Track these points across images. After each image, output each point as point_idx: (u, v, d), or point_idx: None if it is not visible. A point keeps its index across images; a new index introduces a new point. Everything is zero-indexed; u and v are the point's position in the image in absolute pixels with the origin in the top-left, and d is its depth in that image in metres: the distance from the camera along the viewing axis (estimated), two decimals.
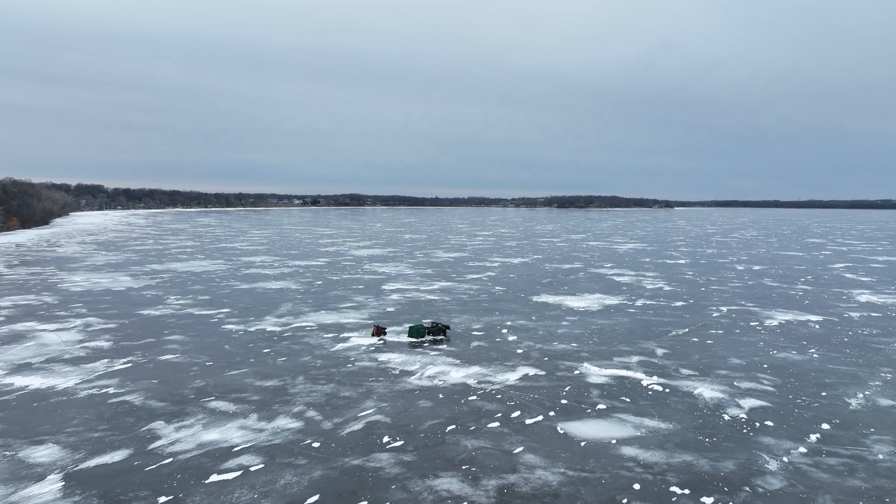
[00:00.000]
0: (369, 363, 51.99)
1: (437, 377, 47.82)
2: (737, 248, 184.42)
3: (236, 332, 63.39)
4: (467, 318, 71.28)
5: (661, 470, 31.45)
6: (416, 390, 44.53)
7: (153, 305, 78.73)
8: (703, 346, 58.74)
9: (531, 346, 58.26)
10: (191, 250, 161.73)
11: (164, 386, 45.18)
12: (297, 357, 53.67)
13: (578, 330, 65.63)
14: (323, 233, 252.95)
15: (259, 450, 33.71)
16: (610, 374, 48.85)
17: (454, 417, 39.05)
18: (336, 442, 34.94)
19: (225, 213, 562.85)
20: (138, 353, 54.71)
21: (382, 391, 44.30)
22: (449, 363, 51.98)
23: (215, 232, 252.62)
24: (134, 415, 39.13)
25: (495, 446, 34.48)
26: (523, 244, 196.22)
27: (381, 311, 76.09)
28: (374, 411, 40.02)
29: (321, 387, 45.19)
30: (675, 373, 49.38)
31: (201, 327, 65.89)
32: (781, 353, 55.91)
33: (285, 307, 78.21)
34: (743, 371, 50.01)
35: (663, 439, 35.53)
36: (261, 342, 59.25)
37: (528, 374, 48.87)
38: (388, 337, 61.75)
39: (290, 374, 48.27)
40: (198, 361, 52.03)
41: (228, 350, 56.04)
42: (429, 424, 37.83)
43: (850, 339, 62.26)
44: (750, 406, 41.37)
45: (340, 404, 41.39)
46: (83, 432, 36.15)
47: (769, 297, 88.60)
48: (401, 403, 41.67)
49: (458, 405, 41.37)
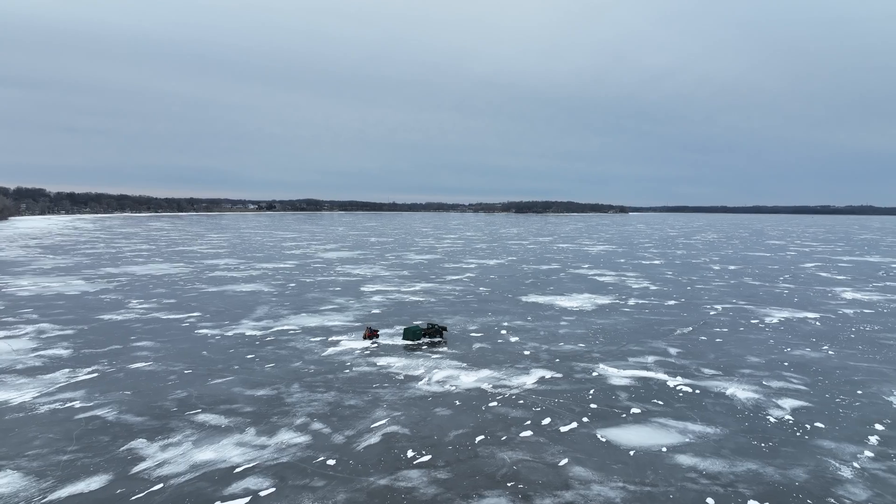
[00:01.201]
0: (368, 368, 47.32)
1: (448, 382, 43.56)
2: (704, 250, 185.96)
3: (212, 337, 57.63)
4: (460, 320, 67.21)
5: (729, 480, 28.02)
6: (429, 397, 40.17)
7: (114, 310, 71.83)
8: (714, 344, 56.21)
9: (537, 347, 54.59)
10: (147, 253, 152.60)
11: (139, 398, 39.51)
12: (286, 363, 48.53)
13: (580, 330, 62.36)
14: (284, 236, 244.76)
15: (266, 471, 28.80)
16: (630, 376, 45.55)
17: (480, 426, 34.88)
18: (354, 458, 30.30)
19: (178, 217, 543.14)
20: (103, 361, 48.58)
21: (391, 399, 39.76)
22: (455, 367, 47.77)
23: (170, 235, 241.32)
24: (108, 432, 33.55)
25: (536, 458, 30.47)
26: (493, 246, 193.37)
27: (365, 313, 71.26)
28: (388, 421, 35.49)
29: (321, 395, 40.34)
30: (698, 373, 46.44)
31: (172, 332, 59.80)
32: (797, 351, 53.79)
33: (261, 310, 72.49)
34: (766, 370, 47.48)
35: (716, 445, 32.21)
36: (242, 347, 53.77)
37: (545, 376, 45.11)
38: (382, 340, 57.14)
39: (283, 382, 43.20)
40: (174, 369, 46.34)
41: (207, 356, 50.42)
42: (454, 435, 33.56)
43: (856, 335, 60.85)
44: (791, 406, 38.58)
45: (348, 414, 36.68)
46: (49, 455, 30.47)
47: (757, 296, 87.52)
48: (416, 412, 37.25)
49: (479, 412, 37.22)
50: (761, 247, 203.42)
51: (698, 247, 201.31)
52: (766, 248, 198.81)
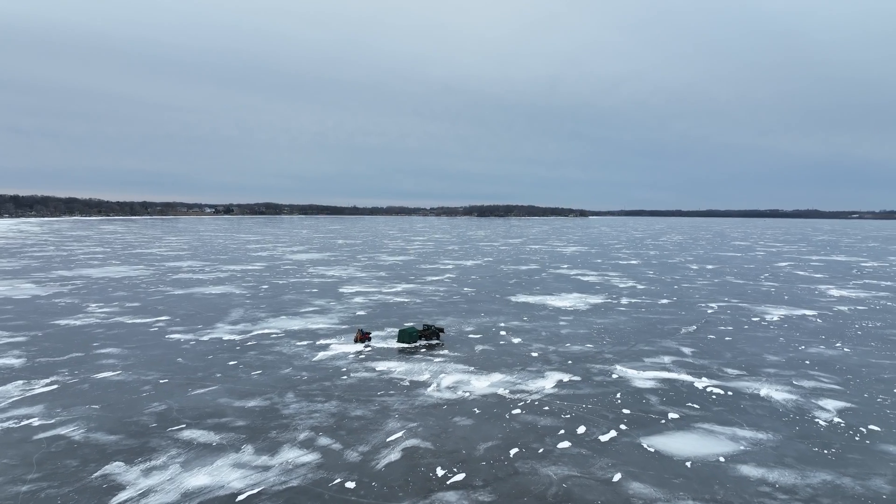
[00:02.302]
0: (367, 374, 42.83)
1: (459, 388, 39.47)
2: (675, 251, 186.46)
3: (186, 343, 52.12)
4: (454, 321, 63.18)
5: (809, 495, 24.78)
6: (443, 405, 36.01)
7: (71, 314, 65.22)
8: (725, 343, 53.65)
9: (543, 348, 50.99)
10: (102, 256, 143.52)
11: (110, 412, 34.18)
12: (274, 369, 43.63)
13: (583, 330, 59.10)
14: (247, 239, 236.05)
15: (275, 498, 24.22)
16: (653, 377, 42.32)
17: (510, 437, 30.93)
18: (376, 479, 25.96)
19: (131, 221, 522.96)
20: (63, 371, 42.78)
21: (401, 407, 35.45)
22: (462, 371, 43.72)
23: (125, 238, 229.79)
24: (76, 455, 28.31)
25: (585, 473, 26.69)
26: (465, 248, 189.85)
27: (350, 314, 66.52)
28: (404, 434, 31.21)
29: (321, 405, 35.75)
30: (722, 373, 43.56)
31: (140, 337, 53.99)
32: (812, 349, 51.64)
33: (236, 313, 66.94)
34: (790, 368, 44.96)
35: (776, 453, 29.03)
36: (222, 353, 48.52)
37: (562, 380, 41.47)
38: (374, 342, 52.66)
39: (275, 391, 38.40)
40: (147, 379, 40.94)
41: (184, 364, 45.06)
42: (484, 448, 29.51)
43: (863, 332, 59.33)
44: (835, 408, 35.88)
45: (356, 427, 32.24)
46: (5, 485, 25.19)
47: (746, 294, 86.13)
48: (433, 422, 33.06)
49: (503, 421, 33.28)
50: (729, 247, 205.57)
51: (668, 248, 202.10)
52: (733, 248, 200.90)
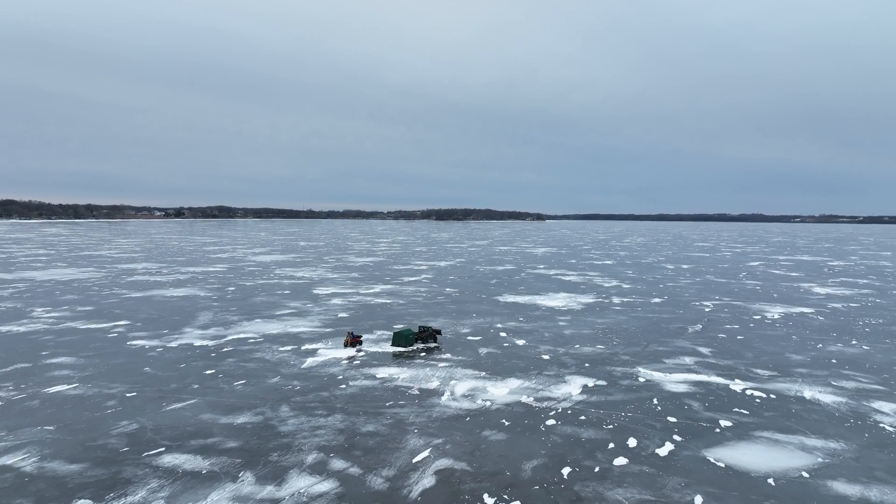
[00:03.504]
0: (368, 382, 37.86)
1: (476, 396, 34.96)
2: (644, 251, 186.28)
3: (153, 350, 45.99)
4: (447, 322, 58.61)
5: None
6: (465, 416, 31.42)
7: (14, 320, 57.88)
8: (738, 341, 50.72)
9: (552, 350, 46.94)
10: (46, 258, 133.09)
11: (69, 434, 28.32)
12: (259, 378, 38.20)
13: (586, 330, 55.39)
14: (203, 241, 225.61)
15: None
16: (682, 380, 38.71)
17: (554, 453, 26.59)
18: None
19: (76, 224, 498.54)
20: (7, 385, 36.38)
21: (418, 420, 30.69)
22: (473, 376, 39.21)
23: (71, 241, 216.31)
24: (29, 492, 22.60)
25: (660, 497, 22.55)
26: (433, 249, 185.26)
27: (331, 317, 61.16)
28: (432, 453, 26.50)
29: (324, 420, 30.67)
30: (752, 374, 40.32)
31: (98, 344, 47.51)
32: (830, 347, 49.16)
33: (204, 316, 60.72)
34: (820, 368, 42.13)
35: (861, 465, 25.57)
36: (195, 361, 42.69)
37: (587, 384, 37.42)
38: (367, 346, 47.64)
39: (266, 404, 33.10)
40: (111, 392, 34.99)
41: (152, 374, 39.14)
42: (530, 468, 25.08)
43: (871, 329, 57.55)
44: (892, 410, 32.89)
45: (372, 446, 27.35)
46: None
47: (734, 292, 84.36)
48: (460, 438, 28.43)
49: (540, 434, 28.93)
50: (694, 248, 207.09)
51: (635, 249, 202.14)
52: (699, 249, 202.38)
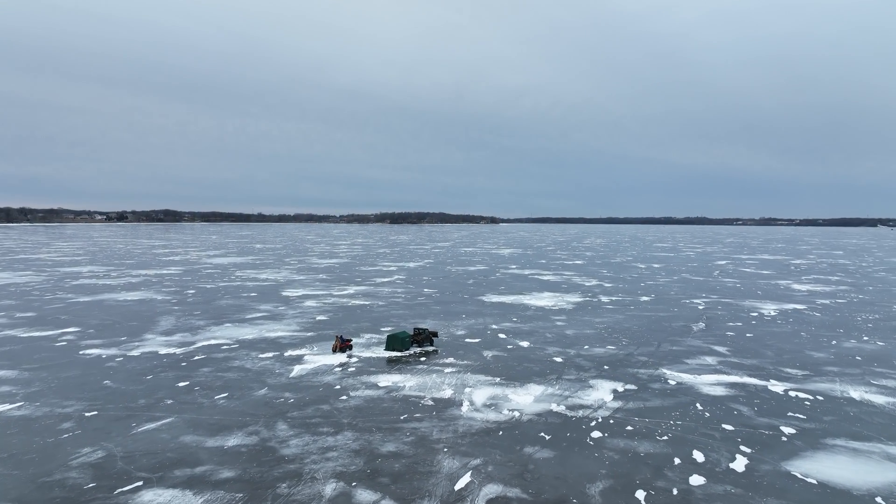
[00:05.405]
0: (370, 391, 33.19)
1: (499, 405, 30.79)
2: (609, 252, 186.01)
3: (111, 359, 39.98)
4: (436, 323, 54.27)
5: None
6: (496, 430, 27.19)
7: None
8: (750, 339, 48.21)
9: (562, 352, 43.24)
10: None
11: (16, 468, 22.70)
12: (244, 390, 33.00)
13: (588, 330, 52.00)
14: (151, 244, 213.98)
15: None
16: (715, 382, 35.56)
17: (617, 473, 22.66)
18: None
19: (8, 227, 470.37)
20: None
21: (442, 436, 26.30)
22: (487, 382, 35.06)
23: (3, 244, 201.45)
24: None
25: None
26: (397, 251, 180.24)
27: (309, 320, 55.95)
28: (473, 477, 22.17)
29: (332, 439, 25.90)
30: (784, 373, 37.56)
31: (44, 354, 41.12)
32: (845, 343, 47.17)
33: (166, 322, 54.54)
34: (849, 366, 39.78)
35: None
36: (164, 371, 37.04)
37: (616, 389, 33.79)
38: (358, 351, 42.87)
39: (258, 421, 28.05)
40: (66, 412, 29.23)
41: (115, 388, 33.40)
42: (598, 492, 21.05)
43: (873, 324, 56.17)
44: None
45: (400, 470, 22.80)
46: None
47: (717, 289, 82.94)
48: (500, 456, 24.19)
49: (589, 449, 24.98)
50: (655, 249, 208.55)
51: (599, 249, 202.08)
52: (660, 249, 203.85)
